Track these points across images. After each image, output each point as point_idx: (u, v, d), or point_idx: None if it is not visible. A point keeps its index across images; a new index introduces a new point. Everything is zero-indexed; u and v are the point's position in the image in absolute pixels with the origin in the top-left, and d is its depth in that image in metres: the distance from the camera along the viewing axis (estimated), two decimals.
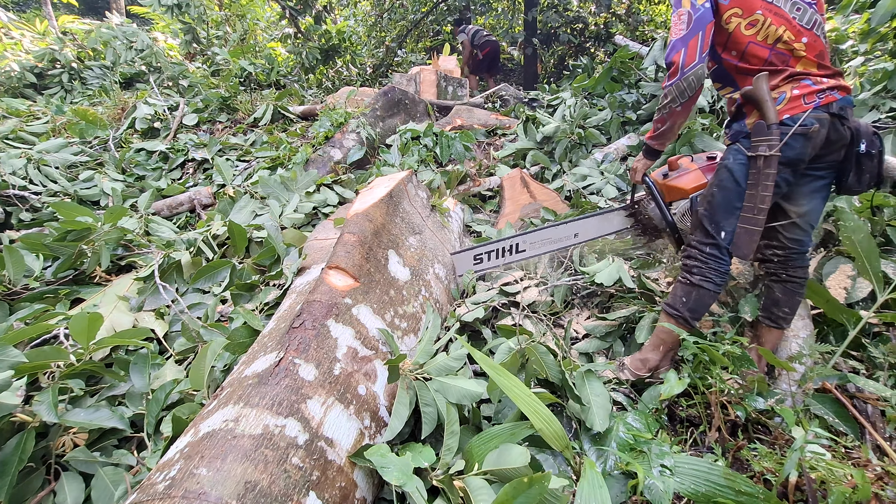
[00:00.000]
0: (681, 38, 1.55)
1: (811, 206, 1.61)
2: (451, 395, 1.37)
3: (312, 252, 2.33)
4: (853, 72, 3.18)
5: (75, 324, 1.61)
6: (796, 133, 1.44)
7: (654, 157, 1.87)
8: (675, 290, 1.68)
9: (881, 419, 1.49)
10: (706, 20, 1.52)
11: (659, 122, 1.72)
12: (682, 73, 1.56)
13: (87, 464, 1.48)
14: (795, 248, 1.67)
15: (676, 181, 1.90)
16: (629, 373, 1.75)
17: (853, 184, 1.55)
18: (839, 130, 1.47)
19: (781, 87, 1.48)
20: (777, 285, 1.72)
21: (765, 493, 1.15)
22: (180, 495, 0.94)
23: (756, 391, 1.54)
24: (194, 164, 4.28)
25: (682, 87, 1.58)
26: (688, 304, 1.63)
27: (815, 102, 1.44)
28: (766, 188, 1.45)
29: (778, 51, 1.49)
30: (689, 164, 1.93)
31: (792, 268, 1.69)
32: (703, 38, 1.52)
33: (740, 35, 1.51)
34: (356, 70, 8.61)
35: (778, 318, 1.72)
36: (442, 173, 3.52)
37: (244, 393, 1.21)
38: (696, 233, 1.67)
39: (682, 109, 1.62)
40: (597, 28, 9.39)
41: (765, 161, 1.44)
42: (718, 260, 1.60)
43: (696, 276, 1.62)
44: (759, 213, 1.47)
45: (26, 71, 6.04)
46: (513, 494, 1.03)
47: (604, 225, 2.25)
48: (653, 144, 1.80)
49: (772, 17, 1.48)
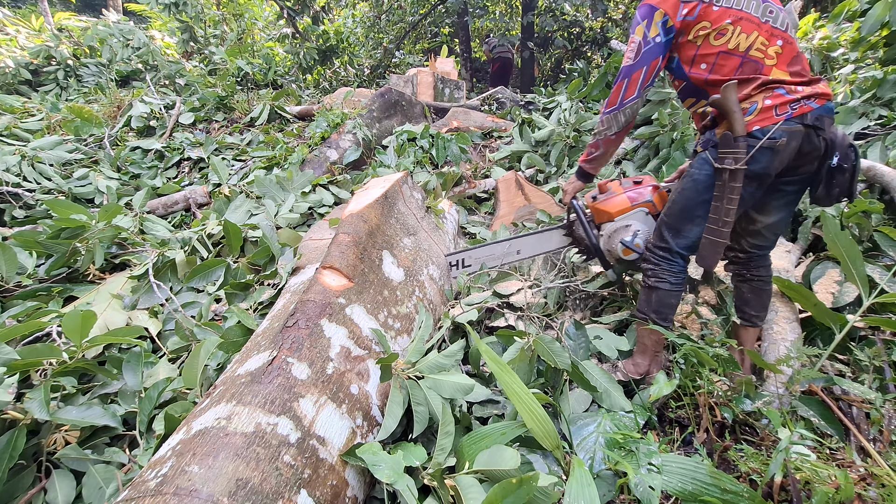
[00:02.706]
0: (627, 66, 1.58)
1: (779, 216, 1.61)
2: (444, 391, 1.39)
3: (307, 252, 2.34)
4: (844, 79, 3.23)
5: (68, 321, 1.61)
6: (763, 147, 1.38)
7: (586, 180, 1.95)
8: (640, 295, 1.74)
9: (865, 421, 1.51)
10: (653, 55, 1.52)
11: (593, 147, 1.79)
12: (621, 105, 1.61)
13: (79, 461, 1.48)
14: (756, 252, 1.70)
15: (603, 204, 1.98)
16: (621, 375, 1.77)
17: (822, 196, 1.51)
18: (813, 142, 1.41)
19: (753, 96, 1.42)
20: (744, 284, 1.75)
21: (750, 493, 1.17)
22: (172, 492, 0.95)
23: (744, 393, 1.57)
24: (190, 162, 4.28)
25: (619, 118, 1.65)
26: (651, 307, 1.67)
27: (787, 113, 1.38)
28: (731, 201, 1.43)
29: (750, 58, 1.43)
30: (616, 188, 2.01)
31: (755, 268, 1.72)
32: (646, 73, 1.55)
33: (709, 46, 1.46)
34: (354, 71, 8.62)
35: (750, 316, 1.75)
36: (438, 175, 3.54)
37: (237, 391, 1.21)
38: (653, 237, 1.71)
39: (616, 138, 1.71)
40: (593, 32, 9.45)
41: (730, 174, 1.41)
42: (670, 262, 1.64)
43: (652, 278, 1.66)
44: (724, 225, 1.46)
45: (21, 67, 6.01)
46: (502, 495, 1.04)
47: (544, 243, 2.34)
48: (586, 168, 1.88)
49: (742, 25, 1.42)
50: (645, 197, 1.94)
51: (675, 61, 1.57)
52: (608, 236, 1.97)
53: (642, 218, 1.93)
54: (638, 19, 1.53)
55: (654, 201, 1.93)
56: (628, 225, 1.92)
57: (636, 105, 1.61)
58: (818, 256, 2.19)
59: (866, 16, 3.28)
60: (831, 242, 1.84)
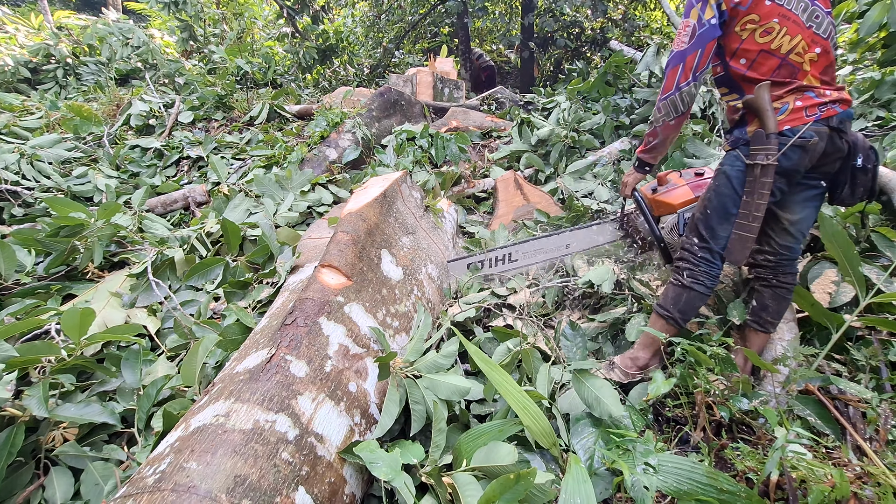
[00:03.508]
0: (681, 51, 1.54)
1: (804, 214, 1.62)
2: (441, 392, 1.39)
3: (306, 251, 2.34)
4: (842, 80, 3.24)
5: (67, 319, 1.61)
6: (794, 144, 1.43)
7: (645, 171, 1.88)
8: (667, 292, 1.71)
9: (862, 420, 1.52)
10: (708, 37, 1.49)
11: (651, 135, 1.73)
12: (678, 90, 1.57)
13: (77, 458, 1.49)
14: (786, 255, 1.69)
15: (665, 196, 1.93)
16: (619, 372, 1.77)
17: (846, 196, 1.56)
18: (836, 143, 1.47)
19: (785, 97, 1.47)
20: (767, 290, 1.74)
21: (746, 492, 1.17)
22: (170, 489, 0.95)
23: (741, 392, 1.57)
24: (189, 161, 4.28)
25: (675, 103, 1.60)
26: (678, 306, 1.66)
27: (815, 115, 1.44)
28: (762, 196, 1.46)
29: (789, 61, 1.46)
30: (677, 180, 1.96)
31: (782, 273, 1.71)
32: (700, 56, 1.51)
33: (753, 43, 1.48)
34: (353, 70, 8.62)
35: (766, 322, 1.74)
36: (437, 174, 3.54)
37: (235, 388, 1.22)
38: (690, 236, 1.69)
39: (675, 124, 1.65)
40: (593, 33, 9.46)
41: (762, 170, 1.44)
42: (710, 264, 1.63)
43: (688, 278, 1.64)
44: (754, 220, 1.48)
45: (20, 66, 6.00)
46: (500, 491, 1.04)
47: (596, 236, 2.30)
48: (645, 158, 1.82)
49: (788, 26, 1.44)
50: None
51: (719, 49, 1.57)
52: (671, 229, 1.93)
53: None
54: (692, 2, 1.51)
55: None
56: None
57: (692, 89, 1.57)
58: (816, 256, 2.19)
59: (864, 17, 3.29)
60: (829, 243, 1.84)
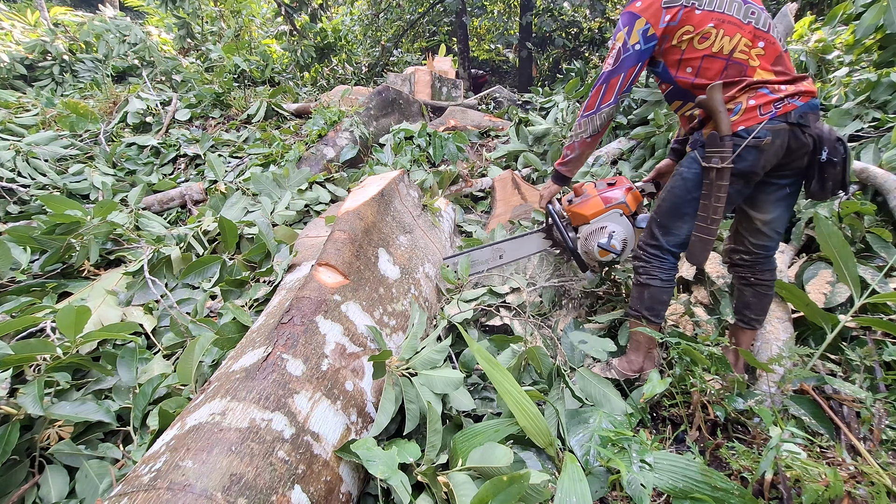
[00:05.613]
0: (607, 72, 1.61)
1: (776, 213, 1.62)
2: (436, 386, 1.40)
3: (303, 249, 2.33)
4: (838, 82, 3.25)
5: (62, 317, 1.61)
6: (749, 146, 1.41)
7: (562, 183, 1.97)
8: (632, 293, 1.77)
9: (856, 420, 1.53)
10: (631, 63, 1.55)
11: (568, 149, 1.82)
12: (598, 110, 1.65)
13: (72, 457, 1.48)
14: (762, 253, 1.70)
15: (578, 207, 2.00)
16: (616, 373, 1.78)
17: (816, 191, 1.53)
18: (800, 139, 1.44)
19: (738, 97, 1.45)
20: (748, 289, 1.75)
21: (741, 490, 1.18)
22: (165, 487, 0.95)
23: (736, 392, 1.58)
24: (186, 159, 4.26)
25: (594, 122, 1.68)
26: (644, 303, 1.70)
27: (771, 113, 1.41)
28: (719, 199, 1.46)
29: (734, 60, 1.45)
30: (591, 191, 2.02)
31: (759, 271, 1.72)
32: (623, 79, 1.58)
33: (693, 50, 1.49)
34: (351, 69, 8.60)
35: (751, 319, 1.76)
36: (434, 173, 3.54)
37: (231, 387, 1.21)
38: (644, 234, 1.74)
39: (591, 141, 1.76)
40: (591, 32, 9.47)
41: (717, 173, 1.44)
42: (660, 259, 1.66)
43: (643, 275, 1.69)
44: (713, 223, 1.49)
45: (16, 62, 5.97)
46: (493, 492, 1.05)
47: (525, 246, 2.35)
48: (562, 171, 1.91)
49: (725, 28, 1.44)
50: (619, 198, 1.96)
51: (661, 66, 1.59)
52: (585, 238, 1.99)
53: (617, 219, 1.95)
54: (620, 26, 1.56)
55: (627, 202, 1.95)
56: (604, 227, 1.94)
57: (612, 110, 1.67)
58: (811, 257, 2.21)
59: (861, 19, 3.31)
60: (824, 243, 1.85)
